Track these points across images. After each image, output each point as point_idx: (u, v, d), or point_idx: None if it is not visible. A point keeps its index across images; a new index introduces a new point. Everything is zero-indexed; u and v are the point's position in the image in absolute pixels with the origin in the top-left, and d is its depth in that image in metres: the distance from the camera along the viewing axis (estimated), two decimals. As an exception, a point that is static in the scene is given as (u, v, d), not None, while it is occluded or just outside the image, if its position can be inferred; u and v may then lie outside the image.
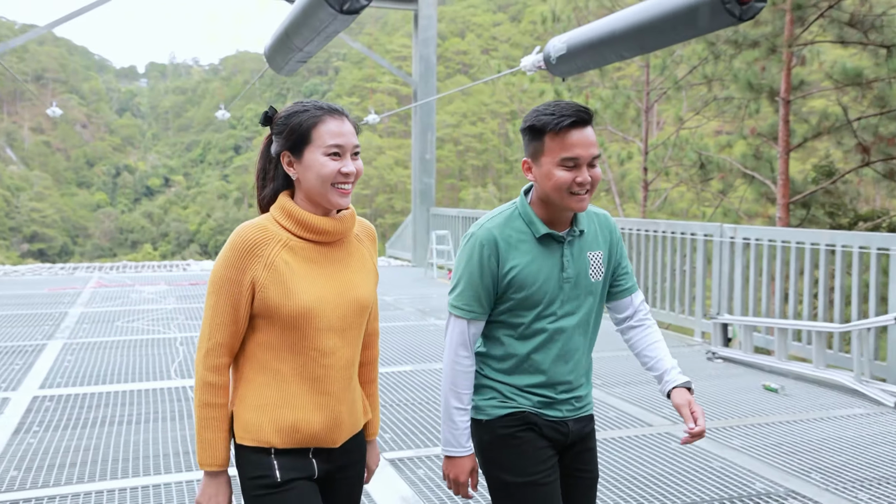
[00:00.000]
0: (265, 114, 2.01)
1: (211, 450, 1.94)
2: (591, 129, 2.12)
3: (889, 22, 12.53)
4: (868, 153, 12.30)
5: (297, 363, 1.94)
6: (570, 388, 2.24)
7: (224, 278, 1.91)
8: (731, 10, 5.02)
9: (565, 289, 2.18)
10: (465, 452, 2.21)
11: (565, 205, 2.13)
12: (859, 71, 12.30)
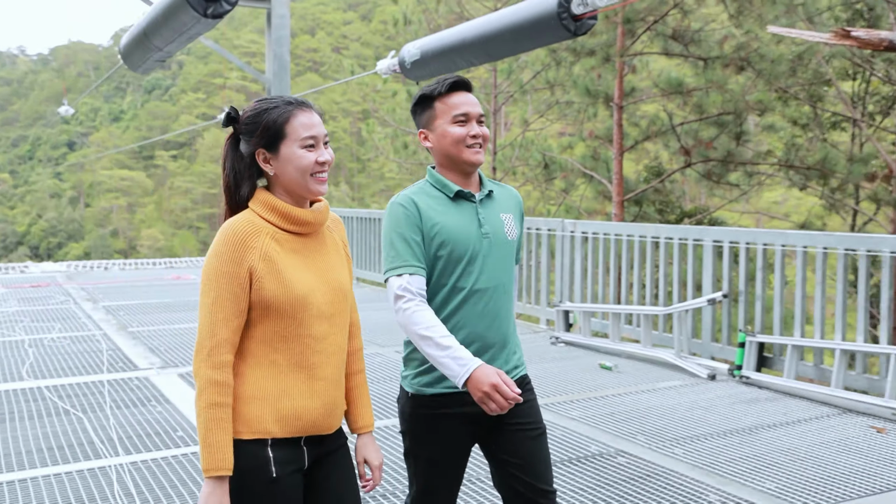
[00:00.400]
0: (228, 115, 2.03)
1: (219, 453, 1.89)
2: (472, 94, 2.37)
3: (706, 37, 13.86)
4: (689, 155, 13.58)
5: (293, 352, 1.97)
6: (499, 349, 2.35)
7: (222, 273, 1.93)
8: (567, 25, 5.56)
9: (485, 244, 2.32)
10: (476, 364, 2.10)
11: (464, 158, 2.32)
12: (681, 80, 13.54)
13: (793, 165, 14.18)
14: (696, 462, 4.31)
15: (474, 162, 2.35)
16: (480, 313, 2.30)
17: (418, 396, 2.35)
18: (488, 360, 2.31)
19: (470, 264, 2.30)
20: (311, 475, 2.03)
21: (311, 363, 1.99)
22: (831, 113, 16.46)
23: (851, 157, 13.93)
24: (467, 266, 2.30)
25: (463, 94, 2.36)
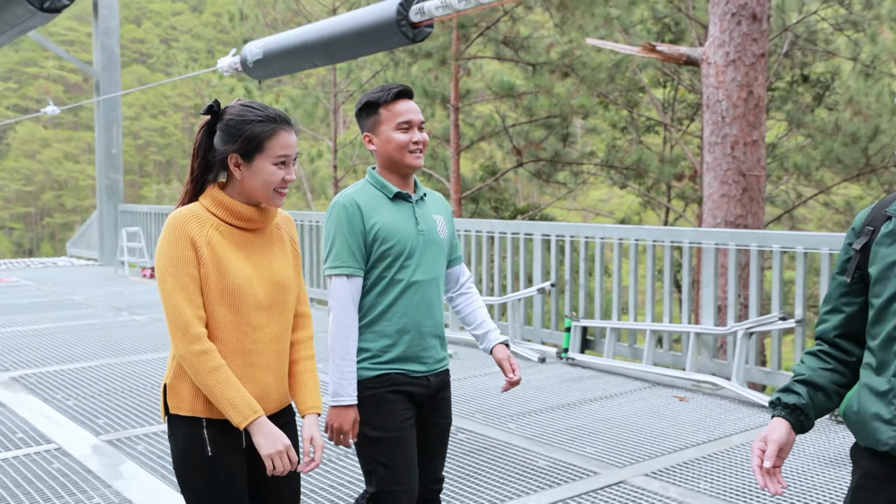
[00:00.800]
0: (210, 106, 2.13)
1: (243, 403, 2.03)
2: (413, 101, 2.55)
3: (534, 43, 14.72)
4: (521, 155, 14.40)
5: (230, 339, 2.09)
6: (433, 336, 2.54)
7: (175, 258, 2.05)
8: (406, 32, 5.88)
9: (421, 241, 2.51)
10: (351, 401, 2.42)
11: (406, 162, 2.50)
12: (513, 84, 14.32)
13: (613, 166, 15.36)
14: (528, 434, 4.77)
15: (415, 166, 2.52)
16: (417, 304, 2.49)
17: (362, 380, 2.47)
18: (424, 347, 2.52)
19: (408, 259, 2.48)
20: (251, 452, 2.12)
21: (248, 350, 2.10)
22: (645, 118, 17.92)
23: (663, 159, 15.28)
24: (405, 260, 2.48)
25: (406, 101, 2.52)
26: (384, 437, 2.46)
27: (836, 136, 14.25)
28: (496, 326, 2.76)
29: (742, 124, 7.26)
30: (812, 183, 15.80)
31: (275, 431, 2.05)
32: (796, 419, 1.88)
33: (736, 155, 7.27)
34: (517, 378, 2.64)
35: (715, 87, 7.36)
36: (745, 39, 7.24)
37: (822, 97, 16.75)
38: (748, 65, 7.26)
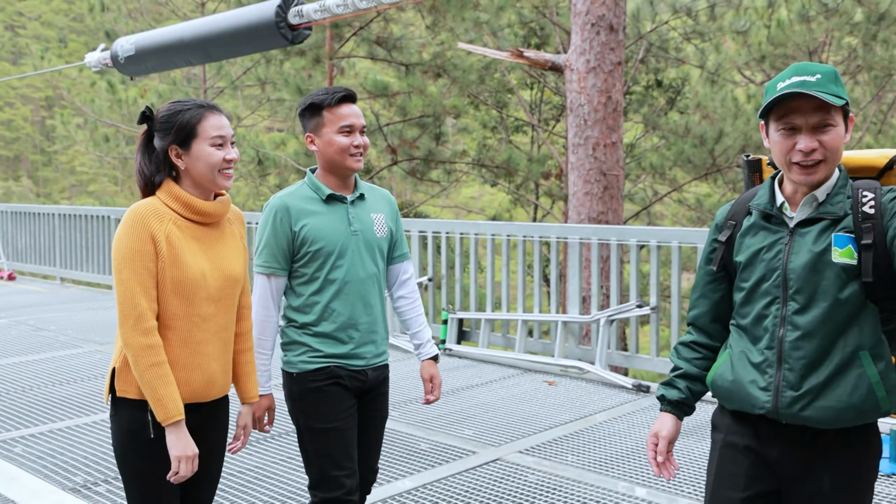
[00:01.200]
0: (143, 113, 2.24)
1: (171, 402, 2.13)
2: (357, 105, 2.62)
3: (406, 44, 15.00)
4: (396, 153, 14.64)
5: (181, 329, 2.19)
6: (371, 332, 2.63)
7: (133, 250, 2.13)
8: (285, 34, 5.98)
9: (354, 241, 2.59)
10: (264, 392, 2.56)
11: (346, 165, 2.58)
12: (386, 84, 14.54)
13: (484, 164, 15.88)
14: (410, 420, 5.02)
15: (355, 169, 2.60)
16: (353, 301, 2.59)
17: (303, 374, 2.58)
18: (362, 343, 2.62)
19: (339, 258, 2.57)
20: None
21: (197, 339, 2.22)
22: (514, 118, 18.60)
23: (531, 158, 15.95)
24: (337, 260, 2.57)
25: (350, 106, 2.60)
26: (326, 428, 2.55)
27: (687, 138, 15.35)
28: (430, 338, 2.86)
29: (602, 127, 7.80)
30: (666, 181, 16.93)
31: (188, 438, 2.17)
32: (680, 411, 2.14)
33: (597, 156, 7.81)
34: (435, 397, 2.81)
35: (577, 92, 7.87)
36: (603, 48, 7.79)
37: (675, 101, 17.97)
38: (607, 72, 7.81)
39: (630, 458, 4.37)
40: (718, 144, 14.80)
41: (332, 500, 2.56)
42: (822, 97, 1.85)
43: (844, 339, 1.91)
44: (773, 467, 2.00)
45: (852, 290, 1.90)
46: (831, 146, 1.90)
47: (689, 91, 17.94)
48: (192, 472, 2.18)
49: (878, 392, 1.90)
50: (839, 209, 1.93)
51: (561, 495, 3.86)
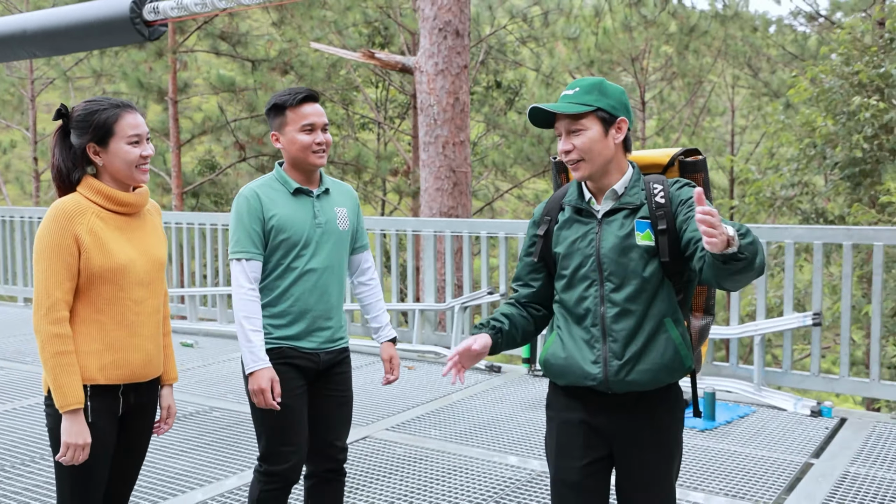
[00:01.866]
0: (58, 111, 2.33)
1: (71, 391, 2.24)
2: (318, 104, 2.76)
3: (252, 40, 14.91)
4: (244, 150, 14.54)
5: (115, 312, 2.33)
6: (324, 319, 2.78)
7: (53, 244, 2.25)
8: (140, 30, 5.96)
9: (318, 232, 2.76)
10: (264, 365, 2.66)
11: (309, 161, 2.74)
12: (232, 80, 14.40)
13: (333, 161, 16.05)
14: (279, 407, 5.24)
15: (318, 164, 2.77)
16: (311, 289, 2.75)
17: None
18: (315, 328, 2.78)
19: (304, 248, 2.74)
20: (124, 420, 2.45)
21: (131, 322, 2.36)
22: (360, 115, 18.88)
23: (379, 155, 16.30)
24: (301, 250, 2.73)
25: (312, 105, 2.74)
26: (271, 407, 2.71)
27: (526, 137, 16.26)
28: (389, 323, 3.05)
29: (451, 126, 8.27)
30: (507, 178, 17.80)
31: (83, 427, 2.28)
32: (495, 337, 2.30)
33: (447, 154, 8.28)
34: (394, 377, 3.01)
35: (427, 93, 8.30)
36: (450, 52, 8.26)
37: (513, 102, 18.92)
38: (454, 74, 8.29)
39: (486, 429, 4.82)
40: (555, 143, 15.78)
41: (276, 472, 2.77)
42: (551, 108, 2.17)
43: (652, 310, 2.21)
44: (603, 434, 2.27)
45: (653, 268, 2.20)
46: (582, 147, 2.18)
47: (525, 92, 18.93)
48: (80, 461, 2.29)
49: (682, 351, 2.23)
50: (636, 199, 2.23)
51: (427, 464, 4.24)
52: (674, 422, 2.31)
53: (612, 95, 2.23)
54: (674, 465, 2.32)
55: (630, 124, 2.27)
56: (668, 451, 2.30)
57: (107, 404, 2.37)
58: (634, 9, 17.88)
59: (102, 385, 2.35)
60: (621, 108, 2.24)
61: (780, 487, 3.85)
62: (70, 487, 2.37)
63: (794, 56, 19.77)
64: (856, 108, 9.62)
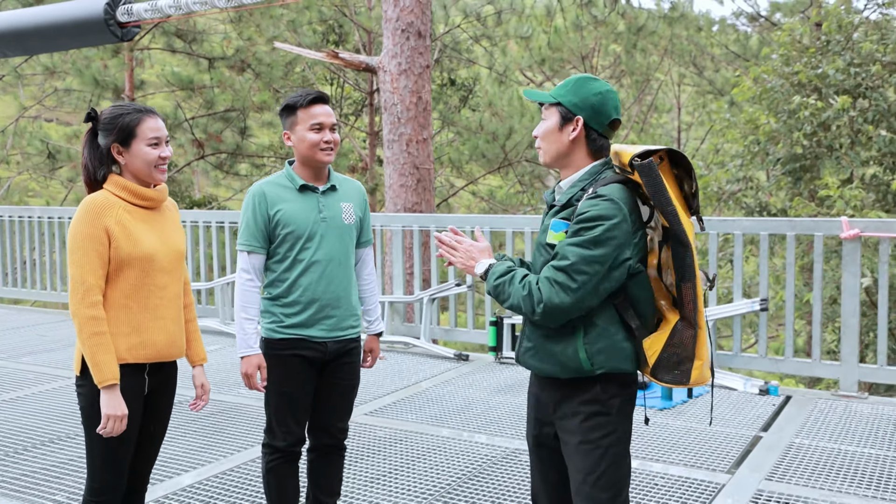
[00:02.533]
0: (88, 114, 2.58)
1: (107, 367, 2.46)
2: (328, 105, 2.95)
3: (208, 38, 14.91)
4: (203, 148, 14.53)
5: (141, 297, 2.55)
6: (332, 308, 2.96)
7: (86, 235, 2.48)
8: (114, 31, 6.06)
9: (322, 226, 2.94)
10: (254, 352, 2.91)
11: (317, 158, 2.92)
12: (191, 77, 14.39)
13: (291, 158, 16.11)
14: (258, 396, 5.43)
15: (325, 162, 2.96)
16: (318, 280, 2.94)
17: (270, 340, 2.97)
18: (324, 317, 2.97)
19: (308, 241, 2.93)
20: (148, 398, 2.66)
21: (155, 306, 2.59)
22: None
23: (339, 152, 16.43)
24: (306, 242, 2.93)
25: (321, 105, 2.94)
26: (280, 391, 2.99)
27: (481, 134, 16.57)
28: (380, 318, 3.28)
29: (414, 125, 8.52)
30: (463, 175, 18.09)
31: (121, 401, 2.49)
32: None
33: (411, 151, 8.52)
34: (368, 366, 3.23)
35: (391, 93, 8.53)
36: (413, 53, 8.50)
37: (467, 99, 19.20)
38: (417, 74, 8.54)
39: (459, 412, 5.10)
40: (509, 140, 16.13)
41: (277, 448, 3.05)
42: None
43: None
44: (545, 408, 2.38)
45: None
46: (542, 133, 2.32)
47: (479, 90, 19.25)
48: (119, 431, 2.51)
49: (580, 353, 2.26)
50: (565, 198, 2.28)
51: (407, 445, 4.50)
52: (584, 418, 2.27)
53: (580, 94, 2.27)
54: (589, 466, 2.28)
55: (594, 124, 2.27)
56: (583, 449, 2.27)
57: (134, 382, 2.58)
58: (585, 9, 18.33)
59: (130, 364, 2.56)
60: (585, 108, 2.26)
61: (732, 458, 4.21)
62: (102, 461, 2.58)
63: (736, 55, 20.49)
64: (796, 106, 10.14)
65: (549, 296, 2.15)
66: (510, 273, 2.25)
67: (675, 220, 2.16)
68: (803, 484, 3.84)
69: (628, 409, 2.31)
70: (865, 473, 3.96)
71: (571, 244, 2.17)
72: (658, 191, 2.14)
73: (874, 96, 10.14)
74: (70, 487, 3.89)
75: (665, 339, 2.24)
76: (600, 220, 2.15)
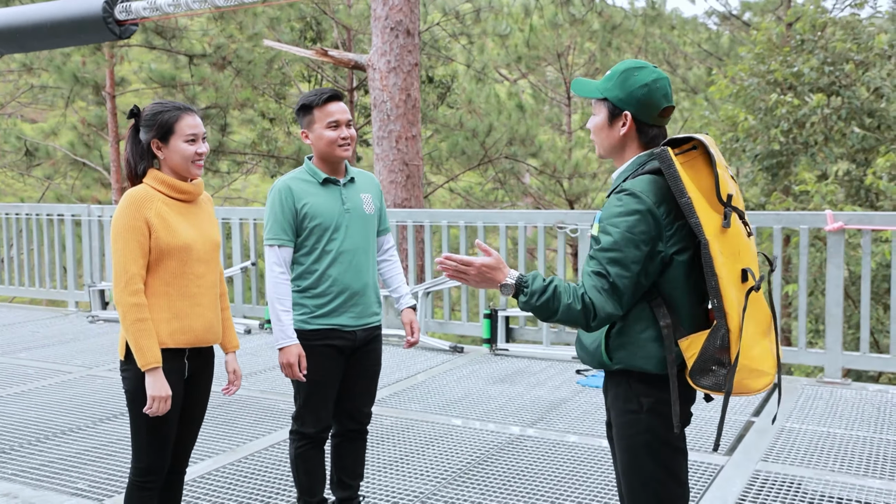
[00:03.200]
0: (131, 111, 2.71)
1: (150, 352, 2.58)
2: (342, 102, 3.06)
3: (188, 35, 14.86)
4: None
5: (180, 285, 2.67)
6: (360, 296, 3.08)
7: (127, 226, 2.60)
8: (112, 29, 6.10)
9: (346, 217, 3.07)
10: (292, 342, 2.99)
11: (335, 154, 3.05)
12: (173, 75, 14.33)
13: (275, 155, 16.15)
14: (263, 388, 5.52)
15: (343, 157, 3.08)
16: (346, 268, 3.07)
17: (302, 331, 3.06)
18: (353, 305, 3.09)
19: (335, 232, 3.05)
20: (188, 382, 2.78)
21: (193, 293, 2.71)
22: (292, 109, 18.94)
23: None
24: (333, 233, 3.05)
25: (336, 104, 3.06)
26: (311, 380, 3.09)
27: (460, 131, 16.71)
28: (409, 292, 3.36)
29: (403, 122, 8.64)
30: (442, 171, 18.22)
31: (164, 383, 2.61)
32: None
33: (400, 147, 8.64)
34: (415, 340, 3.28)
35: (380, 90, 8.64)
36: (402, 51, 8.62)
37: (445, 96, 19.33)
38: (406, 72, 8.66)
39: (461, 402, 5.24)
40: (489, 137, 16.29)
41: (306, 434, 3.17)
42: (573, 89, 2.29)
43: None
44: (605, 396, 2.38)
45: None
46: (592, 128, 2.30)
47: (457, 87, 19.38)
48: (164, 411, 2.63)
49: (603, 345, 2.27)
50: (611, 190, 2.26)
51: (415, 432, 4.63)
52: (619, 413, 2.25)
53: (625, 88, 2.20)
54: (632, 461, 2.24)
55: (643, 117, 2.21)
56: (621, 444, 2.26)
57: (175, 366, 2.70)
58: (563, 7, 18.56)
59: (171, 349, 2.68)
60: (631, 103, 2.20)
61: (728, 441, 4.40)
62: (147, 441, 2.70)
63: (708, 53, 20.86)
64: (773, 104, 10.42)
65: (601, 306, 2.08)
66: (551, 288, 2.09)
67: (689, 212, 2.07)
68: (797, 464, 4.04)
69: (661, 409, 2.19)
70: (854, 453, 4.17)
71: (605, 249, 2.11)
72: (671, 180, 2.08)
73: (847, 94, 10.46)
74: (90, 476, 3.97)
75: (703, 340, 2.11)
76: (623, 216, 2.11)
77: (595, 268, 2.11)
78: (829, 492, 3.70)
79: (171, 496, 2.89)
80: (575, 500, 3.66)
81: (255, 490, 3.82)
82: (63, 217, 8.72)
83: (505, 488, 3.80)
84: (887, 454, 4.16)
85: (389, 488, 3.82)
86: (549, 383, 5.66)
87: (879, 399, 5.10)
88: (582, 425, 4.72)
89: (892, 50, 11.07)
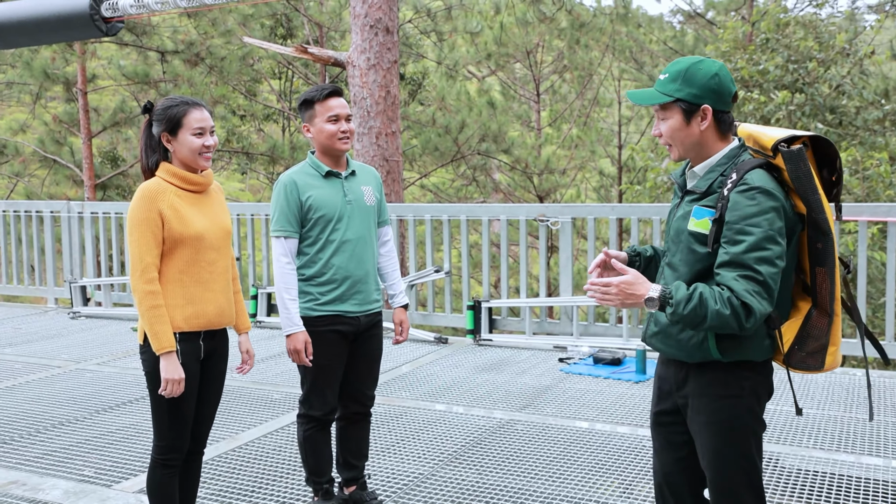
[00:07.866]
0: (145, 106, 2.83)
1: (164, 336, 2.71)
2: (342, 98, 3.18)
3: (160, 31, 14.79)
4: (159, 141, 14.40)
5: (193, 272, 2.81)
6: (362, 284, 3.22)
7: (142, 218, 2.73)
8: (99, 26, 6.13)
9: (349, 208, 3.20)
10: (298, 329, 3.12)
11: (335, 147, 3.18)
12: (147, 71, 14.26)
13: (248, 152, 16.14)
14: (255, 379, 5.63)
15: (343, 150, 3.22)
16: (349, 258, 3.21)
17: (308, 318, 3.19)
18: (356, 292, 3.23)
19: (338, 223, 3.19)
20: (204, 363, 2.91)
21: (206, 280, 2.85)
22: (264, 105, 18.94)
23: (294, 146, 16.49)
24: (336, 224, 3.19)
25: (336, 98, 3.18)
26: (317, 364, 3.22)
27: (432, 128, 16.85)
28: (403, 291, 3.51)
29: (383, 118, 8.76)
30: (415, 168, 18.34)
31: (178, 366, 2.74)
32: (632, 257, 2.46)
33: (380, 144, 8.76)
34: (403, 338, 3.48)
35: (360, 87, 8.75)
36: (381, 48, 8.73)
37: (416, 93, 19.45)
38: (385, 69, 8.77)
39: (449, 390, 5.40)
40: (461, 134, 16.45)
41: (312, 417, 3.32)
42: (632, 99, 2.28)
43: None
44: (667, 383, 2.37)
45: (700, 255, 2.24)
46: (667, 133, 2.25)
47: (428, 84, 19.52)
48: (178, 393, 2.76)
49: (709, 339, 2.26)
50: (704, 185, 2.23)
51: (408, 418, 4.78)
52: (711, 399, 2.27)
53: (696, 83, 2.20)
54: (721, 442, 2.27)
55: (721, 106, 2.23)
56: (712, 429, 2.27)
57: (191, 348, 2.84)
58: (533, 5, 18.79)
59: (187, 332, 2.82)
60: (706, 94, 2.20)
61: (708, 421, 4.63)
62: (168, 420, 2.83)
63: (674, 51, 21.25)
64: (740, 101, 10.74)
65: (759, 308, 2.09)
66: (697, 295, 2.11)
67: (819, 208, 2.13)
68: (774, 442, 4.27)
69: (761, 391, 2.27)
70: (827, 431, 4.42)
71: (751, 249, 2.11)
72: (806, 178, 2.11)
73: (810, 91, 10.81)
74: (96, 464, 4.06)
75: (798, 326, 2.22)
76: (762, 215, 2.12)
77: (742, 272, 2.12)
78: (804, 466, 3.94)
79: (189, 475, 3.01)
80: (568, 478, 3.85)
81: (258, 474, 3.94)
82: (42, 213, 8.69)
83: (500, 468, 3.97)
84: (856, 430, 4.41)
85: (390, 470, 3.97)
86: (534, 371, 5.84)
87: (847, 381, 5.38)
88: (568, 409, 4.90)
89: (850, 48, 11.47)
